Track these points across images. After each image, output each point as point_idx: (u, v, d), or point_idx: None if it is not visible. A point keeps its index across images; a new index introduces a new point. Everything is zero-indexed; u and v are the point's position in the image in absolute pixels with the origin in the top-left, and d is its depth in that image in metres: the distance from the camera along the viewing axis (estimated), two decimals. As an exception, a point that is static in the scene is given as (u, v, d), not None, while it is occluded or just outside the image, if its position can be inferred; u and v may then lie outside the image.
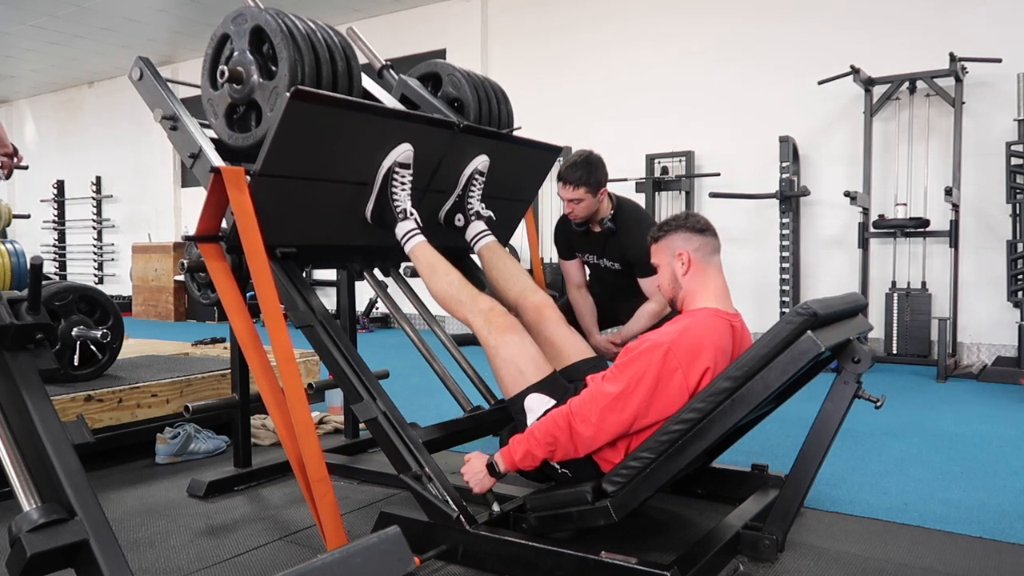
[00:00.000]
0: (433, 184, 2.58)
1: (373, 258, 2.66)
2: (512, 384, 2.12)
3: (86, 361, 2.99)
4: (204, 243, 2.16)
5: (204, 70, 2.33)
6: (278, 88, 2.13)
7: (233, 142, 2.27)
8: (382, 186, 2.35)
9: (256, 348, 2.06)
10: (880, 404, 1.82)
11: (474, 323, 2.19)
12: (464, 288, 2.26)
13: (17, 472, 1.30)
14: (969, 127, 5.26)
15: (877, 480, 2.66)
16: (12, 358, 1.42)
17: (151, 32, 8.79)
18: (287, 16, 2.20)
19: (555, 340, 2.33)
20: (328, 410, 3.53)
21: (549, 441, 1.89)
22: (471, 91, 2.77)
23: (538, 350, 2.17)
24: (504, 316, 2.19)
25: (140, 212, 10.60)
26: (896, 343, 5.22)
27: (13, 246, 3.20)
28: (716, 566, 1.87)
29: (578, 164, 2.81)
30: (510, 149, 2.80)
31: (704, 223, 2.08)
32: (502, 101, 2.91)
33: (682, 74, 6.39)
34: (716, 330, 1.92)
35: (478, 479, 2.00)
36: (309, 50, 2.16)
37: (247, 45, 2.21)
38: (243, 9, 2.24)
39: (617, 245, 2.92)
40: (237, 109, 2.28)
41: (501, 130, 2.82)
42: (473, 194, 2.63)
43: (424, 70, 2.92)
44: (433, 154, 2.49)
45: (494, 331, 2.14)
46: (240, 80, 2.20)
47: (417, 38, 7.83)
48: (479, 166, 2.63)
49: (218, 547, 2.09)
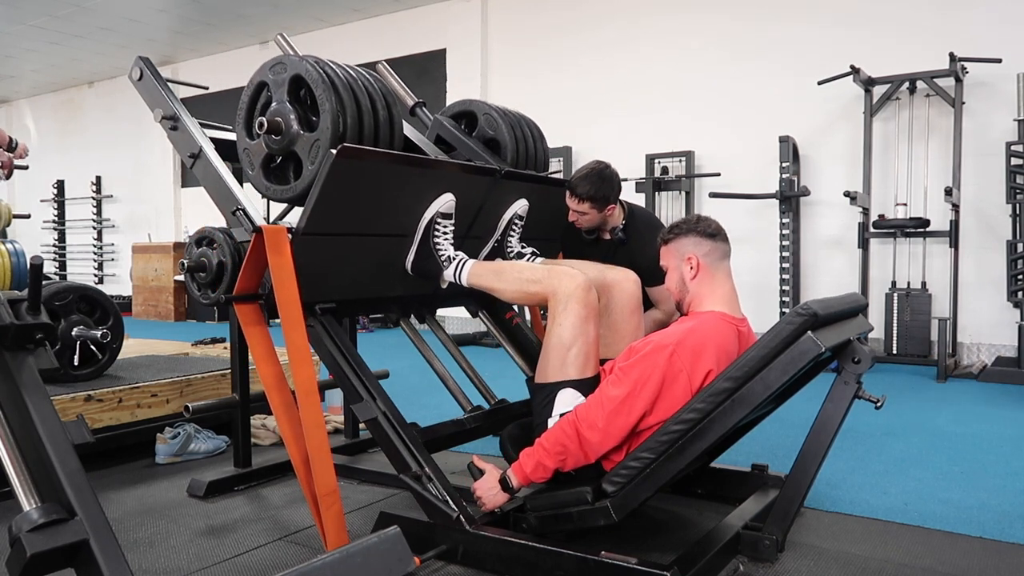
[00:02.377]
0: (472, 231, 2.55)
1: (410, 307, 2.61)
2: (552, 369, 2.02)
3: (86, 361, 2.99)
4: (241, 304, 2.12)
5: (239, 118, 2.27)
6: (319, 141, 2.08)
7: (271, 194, 2.22)
8: (423, 237, 2.31)
9: (280, 390, 2.07)
10: (880, 404, 1.82)
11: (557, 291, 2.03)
12: (535, 268, 2.16)
13: (17, 472, 1.30)
14: (969, 127, 5.26)
15: (877, 480, 2.66)
16: (12, 358, 1.42)
17: (151, 32, 8.79)
18: (327, 64, 2.15)
19: (619, 329, 2.27)
20: (328, 410, 3.53)
21: (559, 451, 1.88)
22: (508, 131, 2.75)
23: (595, 347, 2.05)
24: (587, 293, 2.02)
25: (140, 212, 10.60)
26: (896, 343, 5.22)
27: (13, 246, 3.21)
28: (716, 566, 1.87)
29: (588, 177, 2.67)
30: (548, 190, 2.75)
31: (715, 228, 2.06)
32: (538, 139, 2.88)
33: (682, 74, 6.39)
34: (720, 333, 1.92)
35: (491, 495, 1.98)
36: (351, 100, 2.11)
37: (286, 95, 2.15)
38: (282, 57, 2.19)
39: (627, 253, 2.83)
40: (275, 159, 2.23)
41: (539, 171, 2.81)
42: (512, 237, 2.62)
43: (458, 109, 2.92)
44: (474, 202, 2.46)
45: (570, 305, 2.00)
46: (279, 131, 2.14)
47: (417, 38, 7.83)
48: (519, 211, 2.61)
49: (218, 547, 2.09)
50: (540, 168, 2.91)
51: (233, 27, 8.62)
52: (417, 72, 7.68)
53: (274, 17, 8.22)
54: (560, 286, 2.03)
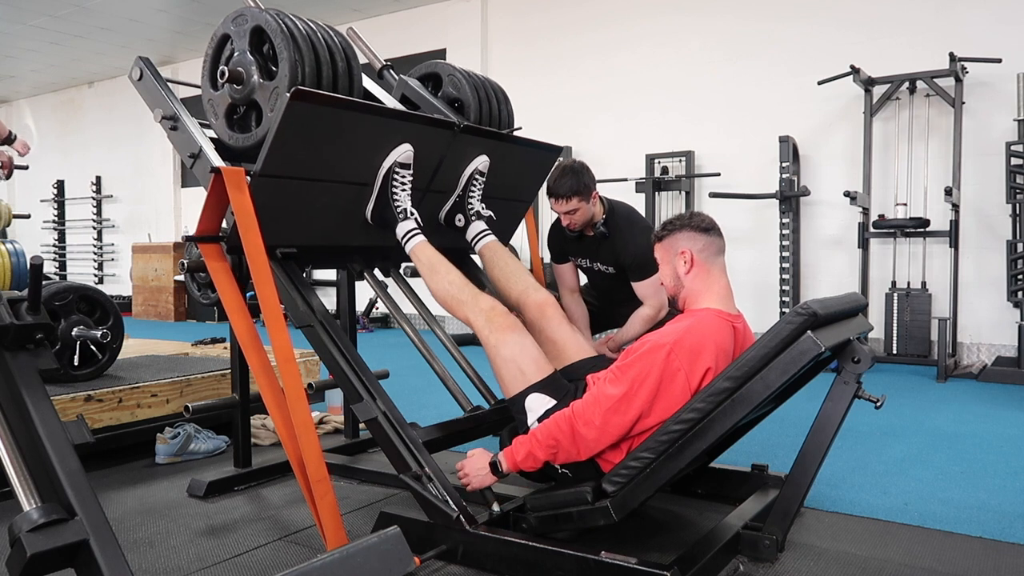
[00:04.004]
0: (433, 185, 2.58)
1: (373, 258, 2.66)
2: (513, 384, 2.12)
3: (86, 361, 2.99)
4: (204, 243, 2.16)
5: (204, 70, 2.33)
6: (278, 88, 2.13)
7: (233, 142, 2.27)
8: (382, 186, 2.35)
9: (256, 348, 2.06)
10: (880, 404, 1.82)
11: (475, 322, 2.19)
12: (465, 287, 2.25)
13: (17, 472, 1.30)
14: (969, 127, 5.26)
15: (877, 480, 2.66)
16: (12, 358, 1.42)
17: (151, 32, 8.79)
18: (287, 16, 2.19)
19: (557, 339, 2.33)
20: (328, 410, 3.53)
21: (551, 444, 1.90)
22: (471, 91, 2.77)
23: (539, 350, 2.17)
24: (505, 315, 2.19)
25: (140, 212, 10.59)
26: (896, 343, 5.22)
27: (13, 246, 3.21)
28: (716, 566, 1.87)
29: (565, 175, 2.74)
30: (510, 149, 2.79)
31: (709, 223, 2.08)
32: (503, 102, 2.90)
33: (682, 74, 6.39)
34: (718, 330, 1.92)
35: (480, 476, 2.00)
36: (309, 50, 2.16)
37: (247, 45, 2.20)
38: (243, 9, 2.24)
39: (610, 249, 2.88)
40: (237, 109, 2.28)
41: (502, 130, 2.82)
42: (473, 194, 2.62)
43: (424, 70, 2.92)
44: (433, 155, 2.49)
45: (495, 330, 2.14)
46: (240, 80, 2.20)
47: (417, 38, 7.83)
48: (479, 166, 2.62)
49: (218, 547, 2.09)
50: (503, 128, 2.90)
51: (233, 27, 8.61)
52: (417, 72, 7.67)
53: (274, 17, 8.21)
54: (476, 317, 2.19)
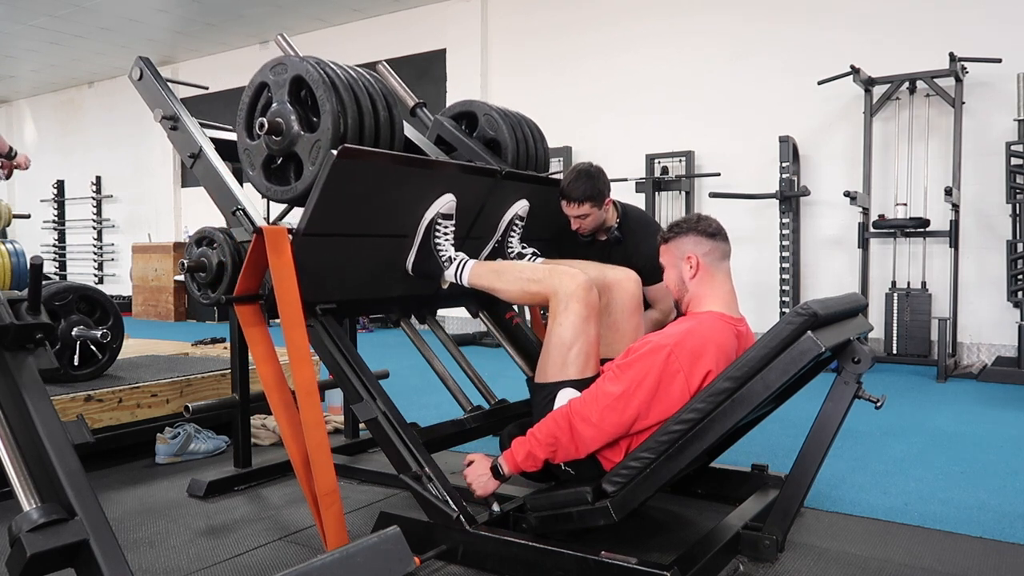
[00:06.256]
0: (472, 232, 2.55)
1: (410, 307, 2.61)
2: (551, 369, 2.03)
3: (86, 361, 2.99)
4: (242, 304, 2.11)
5: (240, 118, 2.26)
6: (320, 142, 2.08)
7: (272, 195, 2.22)
8: (424, 238, 2.31)
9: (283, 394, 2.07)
10: (880, 404, 1.82)
11: (558, 291, 2.03)
12: (536, 268, 2.16)
13: (17, 472, 1.30)
14: (969, 127, 5.26)
15: (877, 480, 2.66)
16: (12, 358, 1.42)
17: (151, 32, 8.79)
18: (328, 65, 2.15)
19: (619, 328, 2.28)
20: (328, 410, 3.53)
21: (550, 442, 1.89)
22: (509, 131, 2.75)
23: (596, 347, 2.06)
24: (588, 292, 2.02)
25: (140, 212, 10.59)
26: (896, 343, 5.22)
27: (13, 246, 3.21)
28: (716, 566, 1.87)
29: (579, 178, 2.66)
30: (550, 192, 2.75)
31: (716, 227, 2.06)
32: (539, 140, 2.88)
33: (682, 74, 6.39)
34: (720, 333, 1.92)
35: (482, 482, 2.00)
36: (352, 100, 2.11)
37: (287, 96, 2.14)
38: (283, 58, 2.19)
39: (623, 253, 2.83)
40: (275, 160, 2.23)
41: (539, 172, 2.80)
42: (513, 238, 2.62)
43: (459, 109, 2.91)
44: (474, 202, 2.46)
45: (571, 304, 2.01)
46: (280, 132, 2.14)
47: (417, 38, 7.83)
48: (519, 211, 2.61)
49: (218, 547, 2.09)
50: (541, 169, 2.90)
51: (233, 27, 8.62)
52: (417, 72, 7.68)
53: (274, 17, 8.22)
54: (561, 285, 2.04)
